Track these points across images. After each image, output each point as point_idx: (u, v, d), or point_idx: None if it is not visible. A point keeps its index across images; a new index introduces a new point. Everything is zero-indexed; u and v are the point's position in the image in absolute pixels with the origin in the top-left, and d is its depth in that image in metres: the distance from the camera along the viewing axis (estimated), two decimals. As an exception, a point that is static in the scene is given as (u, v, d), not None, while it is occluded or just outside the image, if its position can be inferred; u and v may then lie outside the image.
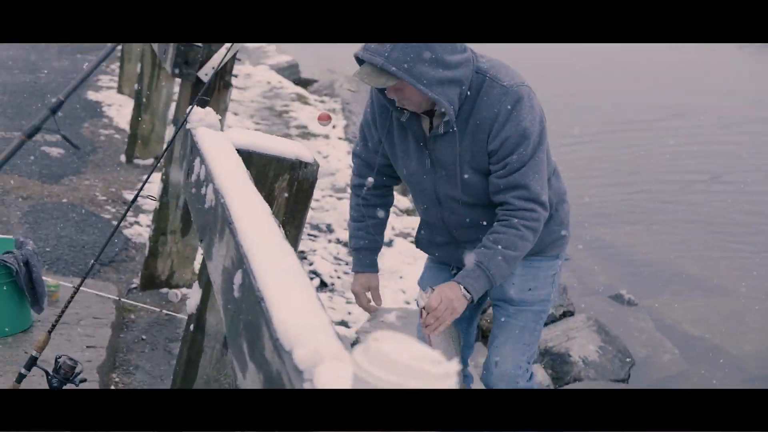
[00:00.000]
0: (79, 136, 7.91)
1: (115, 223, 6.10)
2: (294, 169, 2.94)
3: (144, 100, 7.23)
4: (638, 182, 10.48)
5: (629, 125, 12.84)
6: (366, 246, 3.52)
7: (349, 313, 5.83)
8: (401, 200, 8.44)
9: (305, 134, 9.75)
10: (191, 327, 3.15)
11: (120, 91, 9.47)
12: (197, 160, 2.83)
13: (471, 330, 3.76)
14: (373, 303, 3.57)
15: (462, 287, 3.03)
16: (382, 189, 3.50)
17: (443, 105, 2.92)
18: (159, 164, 7.26)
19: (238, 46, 5.03)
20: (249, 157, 2.80)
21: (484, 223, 3.21)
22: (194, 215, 2.80)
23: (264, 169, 2.85)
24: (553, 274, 3.48)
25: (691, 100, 14.70)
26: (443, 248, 3.48)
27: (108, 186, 6.78)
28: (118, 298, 4.98)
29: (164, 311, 4.99)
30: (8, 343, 4.34)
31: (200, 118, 3.17)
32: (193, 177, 2.85)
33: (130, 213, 6.32)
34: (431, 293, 3.05)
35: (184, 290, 5.30)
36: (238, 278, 1.95)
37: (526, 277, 3.37)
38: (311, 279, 6.19)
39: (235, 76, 5.11)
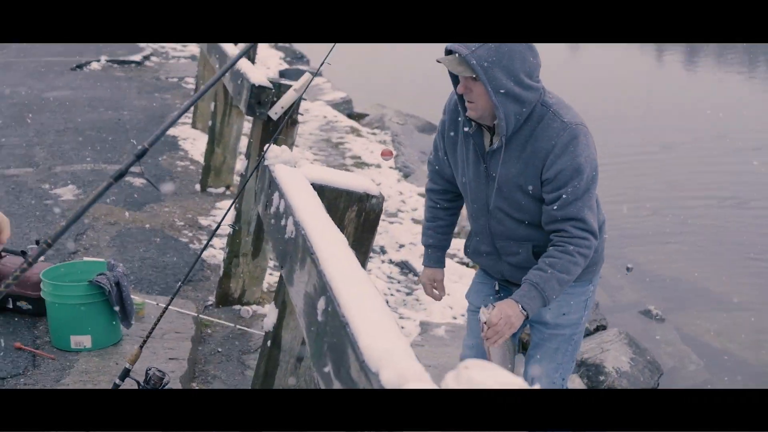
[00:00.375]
0: (159, 166, 8.05)
1: (191, 246, 6.21)
2: (362, 201, 2.99)
3: (217, 134, 7.34)
4: (661, 205, 10.41)
5: (636, 155, 12.73)
6: (434, 244, 3.66)
7: (402, 327, 5.85)
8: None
9: (359, 164, 9.81)
10: (268, 343, 3.20)
11: (194, 126, 9.61)
12: (276, 194, 2.89)
13: (514, 341, 3.80)
14: (438, 292, 3.76)
15: (520, 305, 3.09)
16: (450, 194, 3.58)
17: (499, 114, 3.00)
18: (229, 192, 7.41)
19: (305, 86, 5.11)
20: (322, 191, 2.86)
21: (525, 240, 3.30)
22: (274, 244, 2.86)
23: (335, 201, 2.90)
24: (586, 300, 3.51)
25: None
26: (486, 258, 3.51)
27: (185, 212, 6.88)
28: (196, 315, 5.07)
29: (237, 326, 5.06)
30: (101, 355, 4.43)
31: (276, 155, 3.24)
32: (272, 209, 2.91)
33: (204, 236, 6.42)
34: (492, 309, 3.11)
35: (255, 307, 5.37)
36: (321, 304, 1.99)
37: (561, 302, 3.37)
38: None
39: (301, 114, 5.18)
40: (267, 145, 3.34)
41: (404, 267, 7.12)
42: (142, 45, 16.52)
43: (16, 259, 4.87)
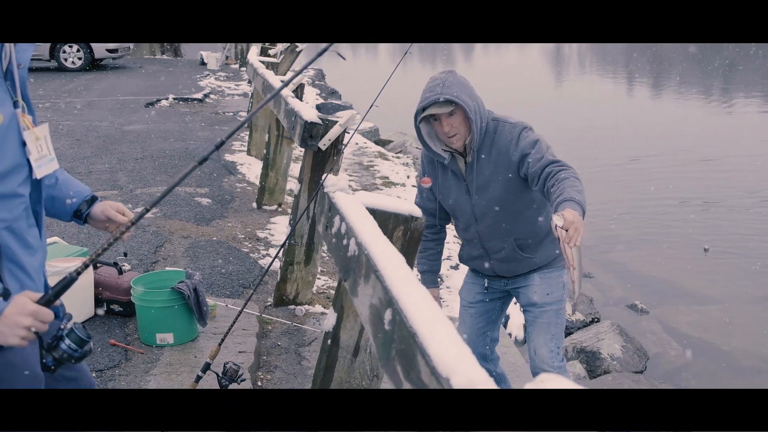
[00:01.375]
0: (221, 188, 8.03)
1: (251, 255, 6.17)
2: (407, 222, 2.94)
3: (270, 161, 7.31)
4: (634, 210, 10.31)
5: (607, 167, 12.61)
6: (428, 269, 3.83)
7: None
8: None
9: (387, 183, 9.77)
10: (328, 341, 3.15)
11: (249, 153, 9.61)
12: (337, 218, 2.84)
13: (497, 327, 3.95)
14: None
15: (578, 207, 2.89)
16: (435, 228, 3.74)
17: (475, 128, 3.26)
18: (281, 209, 7.38)
19: (349, 122, 5.08)
20: (374, 213, 2.81)
21: (507, 234, 3.49)
22: (336, 260, 2.81)
23: (385, 222, 2.85)
24: (562, 282, 3.65)
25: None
26: (478, 260, 3.68)
27: (245, 227, 6.85)
28: (259, 314, 5.03)
29: (293, 323, 5.02)
30: (181, 350, 4.40)
31: (333, 183, 3.20)
32: (334, 230, 2.87)
33: (261, 247, 6.39)
34: (562, 215, 2.83)
35: (306, 307, 5.33)
36: (387, 315, 1.95)
37: (543, 285, 3.59)
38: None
39: (345, 145, 5.13)
40: (324, 174, 3.29)
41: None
42: (202, 84, 16.59)
43: (110, 269, 4.85)
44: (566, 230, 2.82)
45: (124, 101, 13.63)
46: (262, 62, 9.13)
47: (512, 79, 26.13)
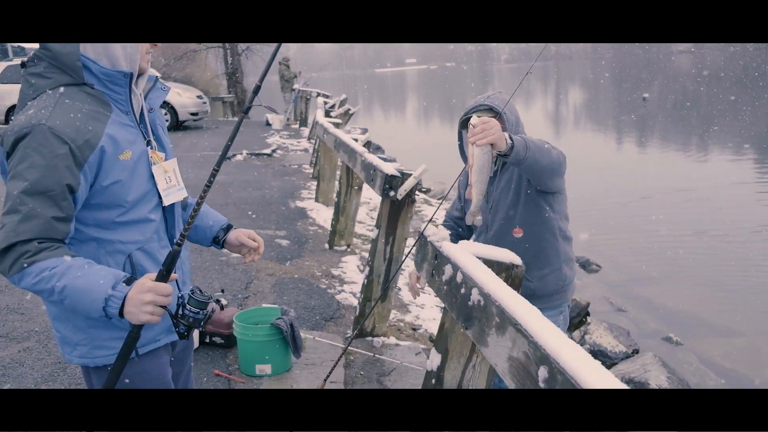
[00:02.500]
0: (297, 231, 7.78)
1: (329, 291, 5.88)
2: (509, 269, 2.63)
3: (341, 207, 7.06)
4: (647, 247, 9.79)
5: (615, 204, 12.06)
6: None
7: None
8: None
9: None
10: (432, 381, 2.83)
11: (317, 200, 9.37)
12: (448, 266, 2.55)
13: None
14: (419, 287, 3.08)
15: (506, 133, 2.54)
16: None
17: (510, 138, 2.62)
18: (349, 249, 7.10)
19: (422, 174, 4.81)
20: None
21: (513, 247, 2.81)
22: (451, 307, 2.50)
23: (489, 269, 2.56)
24: (560, 323, 3.09)
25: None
26: None
27: (320, 265, 6.58)
28: (344, 346, 4.72)
29: (374, 354, 4.70)
30: (278, 379, 4.11)
31: (434, 232, 2.91)
32: (445, 278, 2.57)
33: (336, 284, 6.10)
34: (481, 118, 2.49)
35: (383, 338, 5.01)
36: (543, 372, 1.63)
37: None
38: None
39: (417, 194, 4.87)
40: (424, 225, 3.00)
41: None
42: (269, 141, 16.53)
43: (212, 305, 4.59)
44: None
45: (206, 156, 13.56)
46: (330, 122, 8.95)
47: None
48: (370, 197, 10.36)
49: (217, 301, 4.61)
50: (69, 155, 1.82)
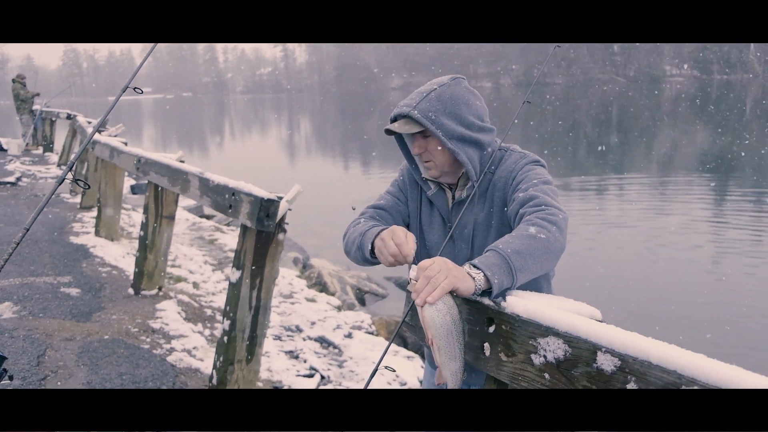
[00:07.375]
0: (84, 274, 5.89)
1: (155, 352, 4.31)
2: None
3: (149, 243, 5.43)
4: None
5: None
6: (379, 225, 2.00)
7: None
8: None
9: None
10: None
11: (98, 234, 7.39)
12: (550, 339, 1.46)
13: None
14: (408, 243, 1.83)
15: (467, 264, 1.60)
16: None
17: (462, 159, 1.91)
18: (162, 293, 5.47)
19: (295, 198, 3.59)
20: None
21: None
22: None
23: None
24: None
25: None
26: None
27: (133, 318, 4.91)
28: None
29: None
30: None
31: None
32: (548, 359, 1.47)
33: (162, 341, 4.53)
34: (420, 264, 1.59)
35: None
36: None
37: None
38: (312, 374, 4.65)
39: (287, 223, 3.63)
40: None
41: (323, 341, 5.57)
42: (10, 168, 13.50)
43: None
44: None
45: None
46: (122, 142, 7.11)
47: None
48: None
49: None
50: None
